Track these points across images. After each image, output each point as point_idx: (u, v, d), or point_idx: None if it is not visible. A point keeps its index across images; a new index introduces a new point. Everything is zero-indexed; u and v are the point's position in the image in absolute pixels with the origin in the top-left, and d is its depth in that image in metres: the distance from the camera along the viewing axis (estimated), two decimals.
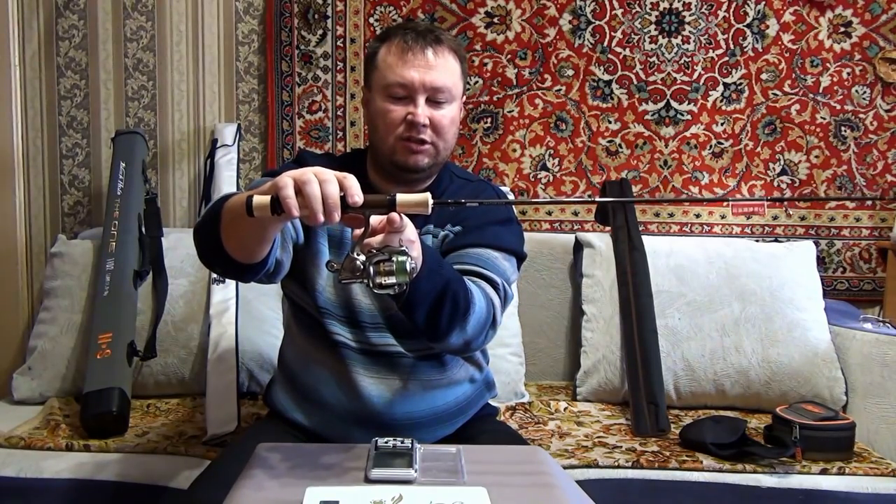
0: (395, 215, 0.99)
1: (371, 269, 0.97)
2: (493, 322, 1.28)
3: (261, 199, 0.96)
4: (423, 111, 1.31)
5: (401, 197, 0.98)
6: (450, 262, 1.31)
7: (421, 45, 1.31)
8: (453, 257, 1.34)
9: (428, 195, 0.98)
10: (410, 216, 1.09)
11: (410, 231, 1.05)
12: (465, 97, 1.43)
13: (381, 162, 1.38)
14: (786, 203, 2.05)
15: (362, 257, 0.98)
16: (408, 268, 0.97)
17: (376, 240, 1.00)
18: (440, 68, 1.32)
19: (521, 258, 1.42)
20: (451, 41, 1.36)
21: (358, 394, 1.34)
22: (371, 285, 0.98)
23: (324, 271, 1.35)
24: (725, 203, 2.30)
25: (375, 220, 1.01)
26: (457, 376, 1.42)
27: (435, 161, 1.37)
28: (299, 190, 0.94)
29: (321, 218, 0.95)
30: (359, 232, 1.00)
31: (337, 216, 0.96)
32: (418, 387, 1.36)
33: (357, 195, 0.96)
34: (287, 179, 0.95)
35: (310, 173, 0.95)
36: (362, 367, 1.35)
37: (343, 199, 0.96)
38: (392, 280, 0.97)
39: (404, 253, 0.98)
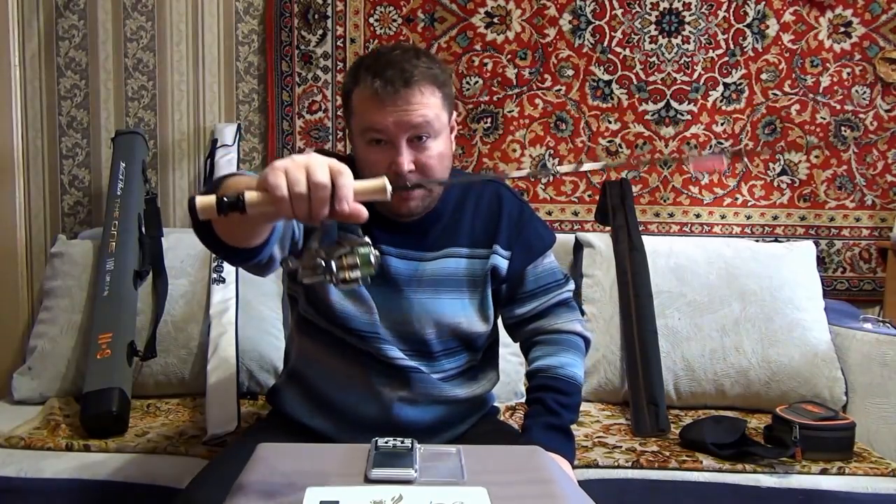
0: (361, 209, 0.90)
1: (333, 263, 0.90)
2: (585, 342, 1.45)
3: (253, 196, 0.87)
4: (406, 157, 1.23)
5: (356, 184, 0.89)
6: (519, 296, 1.42)
7: (391, 91, 1.21)
8: (521, 294, 1.42)
9: (384, 179, 0.90)
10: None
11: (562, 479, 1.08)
12: (455, 117, 1.35)
13: (375, 207, 1.21)
14: (744, 157, 2.22)
15: (323, 253, 0.91)
16: (372, 259, 0.91)
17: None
18: (415, 108, 1.22)
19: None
20: (424, 72, 1.24)
21: (369, 400, 1.35)
22: (335, 282, 0.91)
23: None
24: (685, 164, 2.32)
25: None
26: (477, 391, 1.45)
27: (430, 198, 1.32)
28: (290, 190, 0.86)
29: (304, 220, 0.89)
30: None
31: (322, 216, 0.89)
32: (435, 400, 1.38)
33: (345, 202, 0.87)
34: (280, 180, 0.86)
35: (303, 177, 0.86)
36: (374, 377, 1.35)
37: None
38: (357, 274, 0.91)
39: (366, 244, 0.92)
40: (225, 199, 0.87)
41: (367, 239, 0.93)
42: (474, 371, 1.44)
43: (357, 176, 1.09)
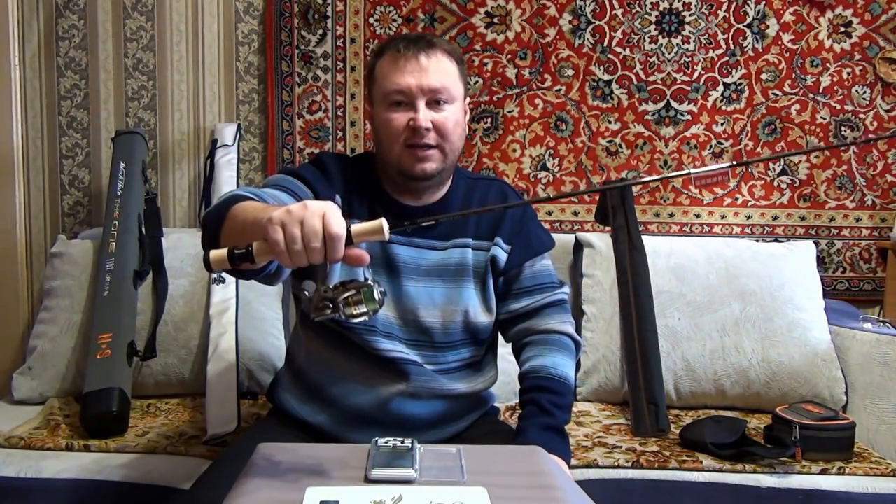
0: (363, 254, 0.97)
1: (340, 304, 0.98)
2: (576, 344, 1.46)
3: (260, 248, 0.96)
4: (424, 115, 1.31)
5: (354, 227, 0.95)
6: (514, 291, 1.44)
7: (413, 52, 1.32)
8: (516, 289, 1.44)
9: (382, 220, 0.96)
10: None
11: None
12: (468, 100, 1.44)
13: (390, 174, 1.39)
14: (749, 166, 2.24)
15: (330, 294, 0.98)
16: (376, 295, 0.97)
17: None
18: (435, 70, 1.32)
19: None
20: (444, 45, 1.37)
21: (369, 394, 1.36)
22: (343, 318, 0.98)
23: None
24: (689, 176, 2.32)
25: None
26: (478, 387, 1.46)
27: (444, 165, 1.36)
28: (287, 247, 0.93)
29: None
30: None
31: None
32: (436, 394, 1.38)
33: (336, 253, 0.93)
34: (279, 236, 0.93)
35: (298, 233, 0.92)
36: (372, 371, 1.36)
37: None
38: (363, 309, 0.98)
39: (369, 286, 0.98)
40: (236, 251, 0.97)
41: (370, 281, 0.99)
42: (476, 366, 1.45)
43: (379, 146, 1.39)
